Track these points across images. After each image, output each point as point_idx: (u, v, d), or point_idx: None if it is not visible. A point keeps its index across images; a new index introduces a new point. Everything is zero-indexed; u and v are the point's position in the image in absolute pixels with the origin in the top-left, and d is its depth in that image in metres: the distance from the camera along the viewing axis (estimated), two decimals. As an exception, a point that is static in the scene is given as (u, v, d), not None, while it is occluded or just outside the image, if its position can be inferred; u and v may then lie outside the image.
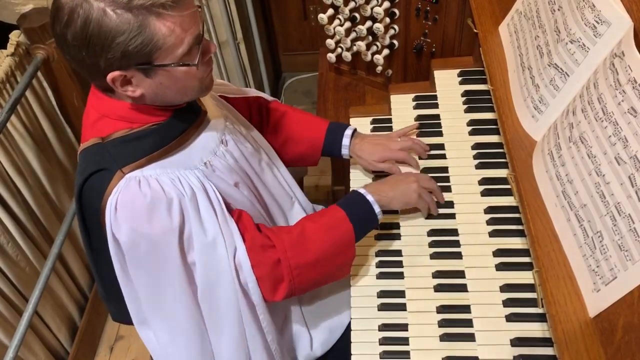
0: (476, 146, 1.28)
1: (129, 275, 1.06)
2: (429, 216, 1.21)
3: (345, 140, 1.32)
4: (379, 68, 1.69)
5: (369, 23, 1.61)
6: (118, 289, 1.10)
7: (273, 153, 1.31)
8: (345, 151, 1.33)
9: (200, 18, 0.96)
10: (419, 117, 1.40)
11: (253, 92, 1.40)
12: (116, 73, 0.91)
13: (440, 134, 1.34)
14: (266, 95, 1.42)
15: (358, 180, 1.35)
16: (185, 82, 0.97)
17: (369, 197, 1.14)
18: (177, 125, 1.04)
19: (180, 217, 1.00)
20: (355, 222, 1.10)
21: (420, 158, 1.32)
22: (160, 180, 1.00)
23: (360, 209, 1.13)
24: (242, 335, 1.10)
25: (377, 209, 1.14)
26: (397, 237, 1.21)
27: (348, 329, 1.18)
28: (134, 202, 0.97)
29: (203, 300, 1.07)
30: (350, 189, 1.33)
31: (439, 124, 1.36)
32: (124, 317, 1.19)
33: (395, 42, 1.64)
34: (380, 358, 1.07)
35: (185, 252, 1.03)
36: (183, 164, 1.03)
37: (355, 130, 1.35)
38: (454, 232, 1.17)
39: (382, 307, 1.13)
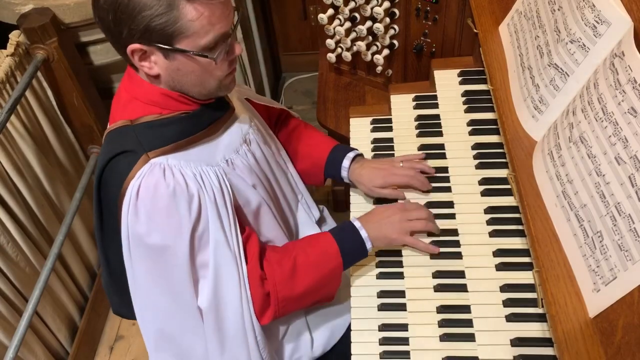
0: (476, 146, 1.28)
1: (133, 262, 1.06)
2: (429, 216, 1.21)
3: (345, 162, 1.27)
4: (379, 68, 1.69)
5: (369, 23, 1.61)
6: (123, 277, 1.10)
7: (287, 157, 1.31)
8: (344, 173, 1.28)
9: (233, 17, 0.96)
10: (419, 117, 1.40)
11: (277, 104, 1.40)
12: (136, 45, 0.92)
13: (440, 134, 1.34)
14: (290, 111, 1.43)
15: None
16: (202, 74, 0.97)
17: (363, 234, 1.12)
18: (206, 116, 1.05)
19: (197, 214, 1.00)
20: (345, 257, 1.11)
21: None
22: (184, 172, 1.00)
23: (353, 245, 1.13)
24: (247, 348, 1.10)
25: (368, 246, 1.13)
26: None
27: (348, 329, 1.18)
28: (157, 189, 0.98)
29: (211, 303, 1.06)
30: (351, 191, 1.34)
31: (439, 124, 1.35)
32: (126, 310, 1.19)
33: (395, 42, 1.64)
34: (380, 358, 1.07)
35: (196, 249, 1.03)
36: (206, 159, 1.04)
37: (358, 154, 1.30)
38: (454, 232, 1.17)
39: (382, 307, 1.13)
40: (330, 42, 1.73)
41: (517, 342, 1.00)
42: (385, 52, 1.65)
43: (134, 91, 1.02)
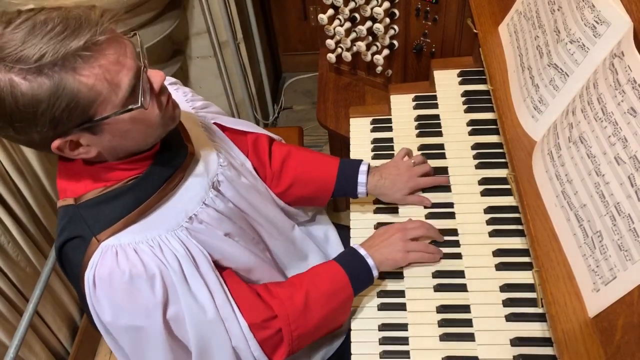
0: (476, 146, 1.28)
1: (115, 338, 0.99)
2: (429, 216, 1.21)
3: (361, 178, 1.20)
4: (379, 68, 1.69)
5: (369, 23, 1.61)
6: None
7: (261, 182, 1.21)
8: (362, 189, 1.21)
9: (134, 49, 0.83)
10: (419, 117, 1.40)
11: (253, 126, 1.28)
12: (58, 141, 0.81)
13: (440, 134, 1.34)
14: (269, 133, 1.30)
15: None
16: (139, 126, 0.85)
17: (370, 262, 1.08)
18: (158, 174, 0.93)
19: (163, 293, 0.92)
20: (355, 287, 1.08)
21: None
22: (139, 249, 0.90)
23: (362, 273, 1.09)
24: None
25: (375, 274, 1.10)
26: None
27: (348, 333, 1.17)
28: (112, 279, 0.89)
29: None
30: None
31: (439, 124, 1.36)
32: None
33: (395, 42, 1.64)
34: (380, 358, 1.07)
35: (172, 328, 0.96)
36: (165, 224, 0.93)
37: (369, 165, 1.23)
38: (454, 232, 1.17)
39: (382, 307, 1.13)
40: (330, 42, 1.73)
41: (516, 341, 1.00)
42: (385, 52, 1.65)
43: (71, 168, 0.92)
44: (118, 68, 0.79)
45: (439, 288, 1.11)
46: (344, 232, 1.36)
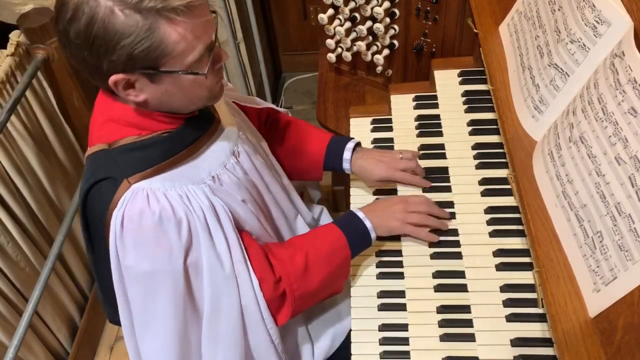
0: (476, 146, 1.28)
1: (126, 289, 1.02)
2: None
3: (346, 154, 1.26)
4: (379, 68, 1.69)
5: (369, 23, 1.61)
6: (114, 295, 1.06)
7: (278, 164, 1.28)
8: (346, 165, 1.27)
9: (214, 25, 0.92)
10: (419, 117, 1.40)
11: (264, 103, 1.37)
12: (119, 76, 0.87)
13: (440, 134, 1.34)
14: (277, 107, 1.39)
15: (358, 180, 1.34)
16: (192, 90, 0.93)
17: (367, 224, 1.13)
18: (189, 133, 0.99)
19: (188, 238, 0.96)
20: (353, 248, 1.12)
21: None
22: (169, 195, 0.95)
23: (359, 235, 1.13)
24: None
25: (372, 236, 1.14)
26: (397, 237, 1.20)
27: (349, 333, 1.18)
28: (142, 218, 0.93)
29: (208, 328, 1.03)
30: (351, 191, 1.34)
31: (439, 124, 1.35)
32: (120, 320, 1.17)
33: (395, 42, 1.64)
34: (381, 358, 1.07)
35: (190, 275, 1.00)
36: (191, 178, 0.99)
37: (358, 143, 1.29)
38: (454, 232, 1.17)
39: (382, 307, 1.13)
40: (330, 42, 1.73)
41: (517, 342, 1.00)
42: (385, 52, 1.65)
43: (110, 113, 0.97)
44: (200, 34, 0.87)
45: (439, 288, 1.11)
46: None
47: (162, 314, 1.01)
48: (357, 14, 1.63)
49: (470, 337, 1.03)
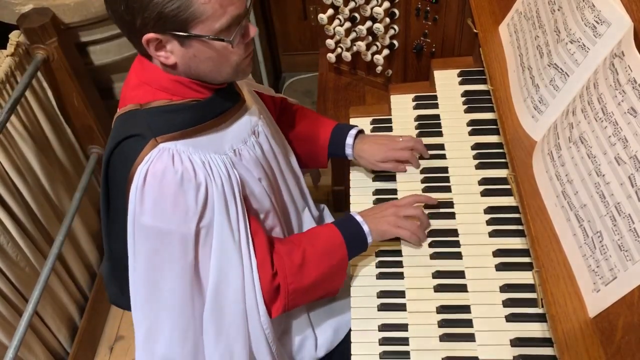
0: (476, 146, 1.28)
1: (136, 247, 1.05)
2: (429, 216, 1.21)
3: (349, 140, 1.31)
4: (379, 68, 1.69)
5: (369, 23, 1.61)
6: (125, 266, 1.08)
7: (292, 153, 1.31)
8: (349, 151, 1.32)
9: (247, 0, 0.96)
10: (419, 117, 1.40)
11: (277, 94, 1.42)
12: (151, 35, 0.92)
13: (440, 134, 1.34)
14: (288, 98, 1.44)
15: (358, 180, 1.35)
16: (219, 59, 0.97)
17: (365, 228, 1.15)
18: (217, 105, 1.04)
19: (204, 203, 1.00)
20: (349, 249, 1.13)
21: (422, 158, 1.32)
22: (193, 159, 0.99)
23: (356, 238, 1.15)
24: (245, 338, 1.10)
25: (369, 240, 1.16)
26: (397, 237, 1.20)
27: (348, 333, 1.18)
28: (164, 175, 0.97)
29: (212, 298, 1.06)
30: (351, 190, 1.34)
31: (439, 124, 1.36)
32: (124, 301, 1.17)
33: (395, 42, 1.64)
34: (380, 358, 1.07)
35: (201, 239, 1.03)
36: (213, 147, 1.03)
37: (360, 131, 1.34)
38: (454, 232, 1.17)
39: (382, 307, 1.13)
40: (330, 42, 1.73)
41: (517, 342, 1.00)
42: (385, 52, 1.65)
43: (145, 76, 1.02)
44: (232, 1, 0.92)
45: (439, 288, 1.11)
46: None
47: (169, 275, 1.03)
48: (356, 14, 1.63)
49: (470, 337, 1.03)
